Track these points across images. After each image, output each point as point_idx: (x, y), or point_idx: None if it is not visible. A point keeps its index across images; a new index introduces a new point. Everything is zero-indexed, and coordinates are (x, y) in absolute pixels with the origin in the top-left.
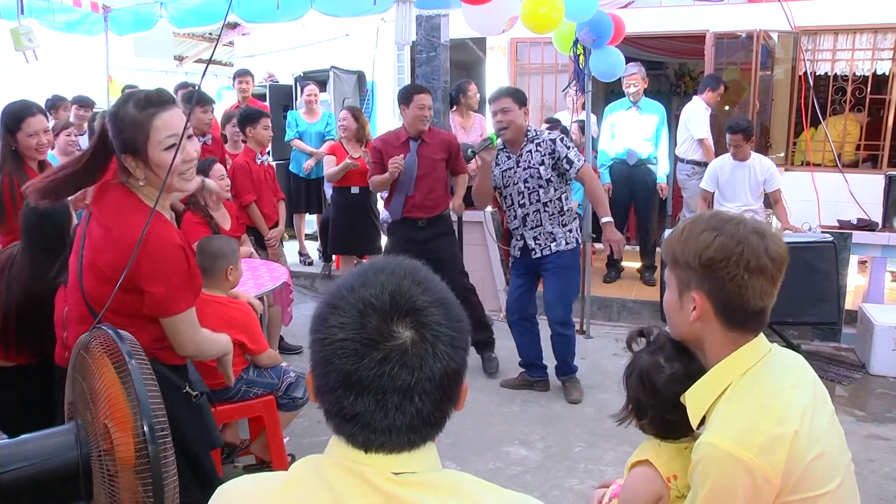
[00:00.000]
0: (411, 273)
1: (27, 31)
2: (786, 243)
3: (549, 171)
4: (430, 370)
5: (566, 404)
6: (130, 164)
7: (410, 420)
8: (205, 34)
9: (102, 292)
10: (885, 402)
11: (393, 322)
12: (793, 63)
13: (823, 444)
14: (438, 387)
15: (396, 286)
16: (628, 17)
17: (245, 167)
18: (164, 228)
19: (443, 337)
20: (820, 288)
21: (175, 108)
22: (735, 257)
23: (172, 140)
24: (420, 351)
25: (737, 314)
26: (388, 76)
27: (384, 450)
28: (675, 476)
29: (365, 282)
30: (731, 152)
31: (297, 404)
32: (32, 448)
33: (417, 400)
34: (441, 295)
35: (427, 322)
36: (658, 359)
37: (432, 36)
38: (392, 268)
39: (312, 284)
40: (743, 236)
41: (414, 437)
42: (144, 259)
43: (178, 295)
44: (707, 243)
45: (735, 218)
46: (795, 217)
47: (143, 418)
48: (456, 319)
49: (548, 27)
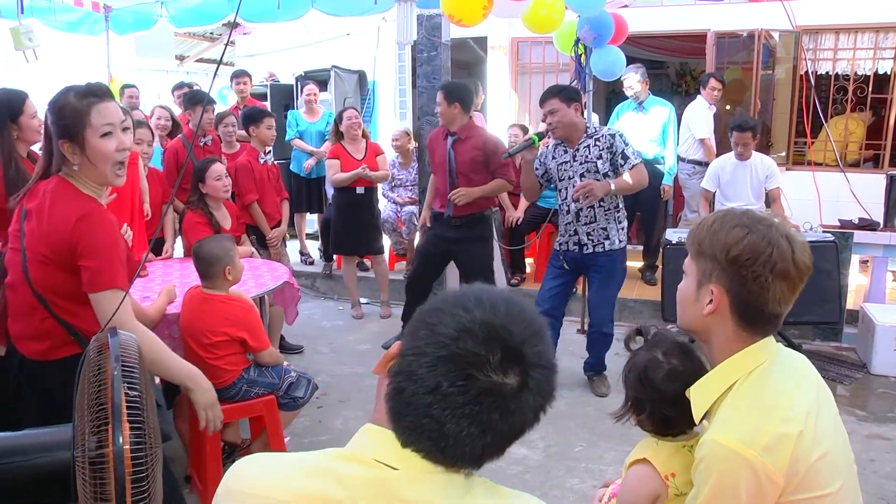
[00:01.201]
0: (542, 329)
1: (27, 31)
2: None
3: (606, 165)
4: (513, 420)
5: (567, 404)
6: (67, 150)
7: (471, 451)
8: (205, 34)
9: (49, 277)
10: (887, 401)
11: (509, 363)
12: (794, 62)
13: (827, 444)
14: (509, 438)
15: (531, 336)
16: (629, 16)
17: (247, 167)
18: (99, 208)
19: (538, 398)
20: (821, 287)
21: (112, 101)
22: (763, 258)
23: (109, 128)
24: (519, 402)
25: (752, 315)
26: (389, 76)
27: (422, 451)
28: (672, 474)
29: (509, 313)
30: (738, 151)
31: (298, 404)
32: (25, 444)
33: (489, 439)
34: (553, 361)
35: (534, 378)
36: (656, 354)
37: (433, 35)
38: (533, 315)
39: (313, 284)
40: (774, 238)
41: (460, 463)
42: (80, 235)
43: (110, 269)
44: (737, 239)
45: (767, 219)
46: (797, 216)
47: (116, 426)
48: (553, 388)
49: (548, 28)
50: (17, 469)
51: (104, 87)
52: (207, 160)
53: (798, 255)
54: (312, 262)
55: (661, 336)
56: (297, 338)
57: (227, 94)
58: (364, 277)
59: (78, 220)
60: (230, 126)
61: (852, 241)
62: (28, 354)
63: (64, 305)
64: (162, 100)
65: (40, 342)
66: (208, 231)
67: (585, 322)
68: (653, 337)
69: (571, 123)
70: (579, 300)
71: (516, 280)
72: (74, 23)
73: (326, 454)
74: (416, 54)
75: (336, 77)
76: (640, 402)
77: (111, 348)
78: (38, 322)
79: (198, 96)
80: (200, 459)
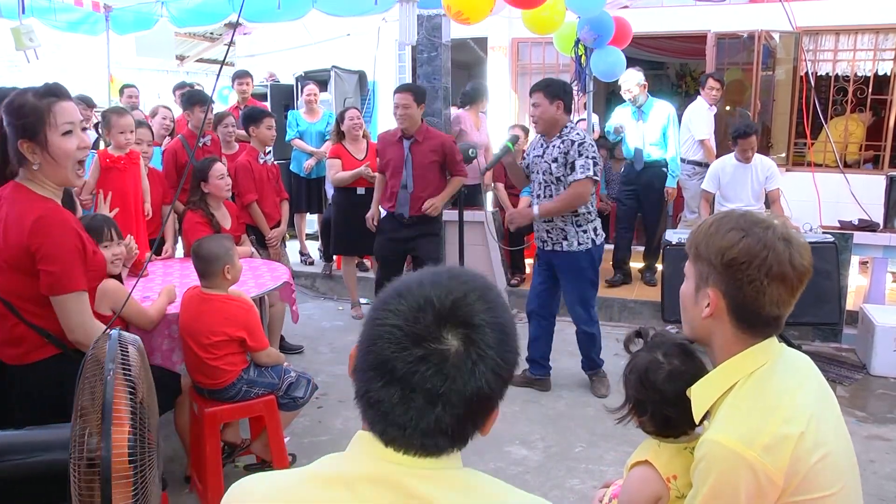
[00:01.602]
0: (483, 289)
1: (28, 31)
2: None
3: (560, 168)
4: (463, 385)
5: (567, 404)
6: (27, 149)
7: (427, 425)
8: (206, 34)
9: (12, 283)
10: (886, 402)
11: (445, 327)
12: (794, 63)
13: (828, 446)
14: (466, 404)
15: (463, 295)
16: (629, 17)
17: (247, 167)
18: (58, 210)
19: (487, 360)
20: (821, 288)
21: (72, 101)
22: (758, 261)
23: (70, 127)
24: (459, 363)
25: (750, 318)
26: (389, 76)
27: (398, 446)
28: (674, 476)
29: (436, 282)
30: (742, 156)
31: (298, 404)
32: (22, 442)
33: (440, 409)
34: (502, 321)
35: (477, 340)
36: (657, 355)
37: (433, 36)
38: (467, 278)
39: (313, 284)
40: (770, 241)
41: (427, 443)
42: (37, 238)
43: (70, 273)
44: (732, 243)
45: (765, 221)
46: (797, 217)
47: (105, 430)
48: (508, 350)
49: (548, 28)
50: (12, 468)
51: (62, 87)
52: (209, 159)
53: (796, 257)
54: (312, 263)
55: (661, 337)
56: (297, 338)
57: (227, 94)
58: (364, 277)
59: (34, 223)
60: (229, 127)
61: (852, 242)
62: (6, 360)
63: (32, 310)
64: (162, 99)
65: (16, 347)
66: (209, 231)
67: None
68: (653, 338)
69: (551, 119)
70: None
71: (516, 280)
72: (75, 23)
73: (327, 465)
74: (416, 55)
75: (336, 77)
76: (641, 403)
77: (108, 350)
78: (10, 328)
79: (196, 96)
80: (200, 459)
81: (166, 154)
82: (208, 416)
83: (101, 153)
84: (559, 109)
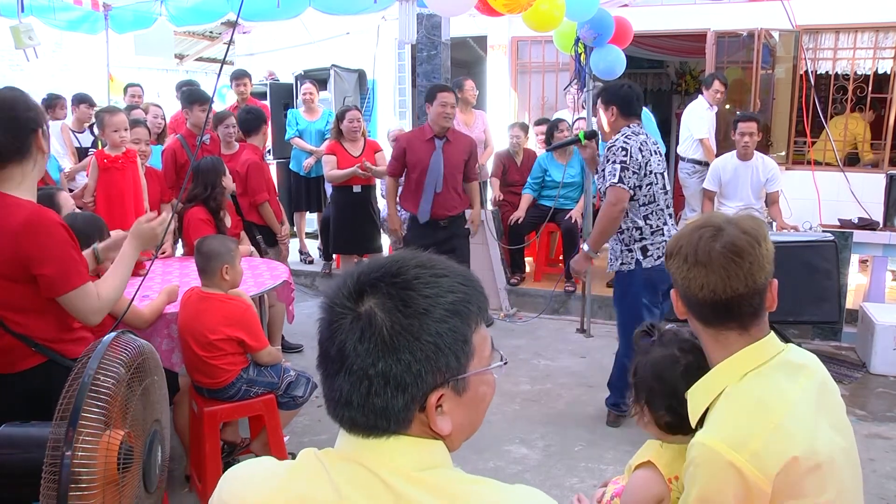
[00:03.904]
0: (423, 263)
1: (27, 30)
2: (779, 240)
3: (599, 179)
4: (365, 352)
5: (566, 403)
6: (43, 140)
7: (347, 396)
8: (205, 32)
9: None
10: (886, 401)
11: (363, 294)
12: (794, 62)
13: (825, 451)
14: (378, 374)
15: (392, 265)
16: (629, 15)
17: (258, 165)
18: (38, 209)
19: (405, 319)
20: (821, 287)
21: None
22: (675, 250)
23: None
24: (361, 327)
25: (694, 306)
26: (388, 74)
27: (349, 425)
28: (676, 477)
29: (372, 261)
30: (744, 143)
31: (298, 403)
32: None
33: (349, 376)
34: (435, 299)
35: (384, 301)
36: (673, 351)
37: (433, 34)
38: (406, 258)
39: (313, 283)
40: (687, 233)
41: (370, 421)
42: (27, 245)
43: (69, 270)
44: (669, 244)
45: (718, 217)
46: (797, 216)
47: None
48: (427, 332)
49: (549, 25)
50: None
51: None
52: (208, 159)
53: (716, 242)
54: (312, 262)
55: (674, 333)
56: (297, 337)
57: (226, 93)
58: None
59: (19, 229)
60: (230, 127)
61: (852, 240)
62: None
63: (17, 319)
64: (161, 98)
65: (3, 357)
66: (211, 229)
67: (585, 321)
68: (665, 333)
69: (602, 126)
70: (579, 300)
71: (515, 280)
72: (74, 21)
73: (314, 456)
74: (415, 53)
75: (336, 76)
76: (654, 398)
77: (94, 353)
78: None
79: (196, 94)
80: (200, 459)
81: (165, 153)
82: (208, 416)
83: (98, 154)
84: (613, 115)
